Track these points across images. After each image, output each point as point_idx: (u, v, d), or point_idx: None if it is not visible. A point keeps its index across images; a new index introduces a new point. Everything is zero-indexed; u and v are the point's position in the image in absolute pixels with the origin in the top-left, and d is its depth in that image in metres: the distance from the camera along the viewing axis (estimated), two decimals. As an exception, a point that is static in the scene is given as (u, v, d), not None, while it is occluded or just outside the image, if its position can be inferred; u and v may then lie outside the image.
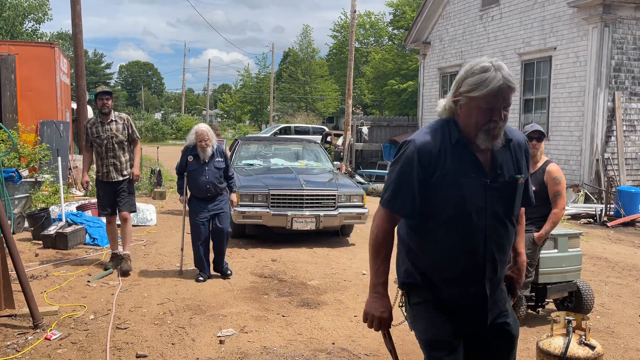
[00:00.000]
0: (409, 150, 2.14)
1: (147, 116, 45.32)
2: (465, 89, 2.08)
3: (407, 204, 2.16)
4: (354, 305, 5.24)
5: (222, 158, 6.08)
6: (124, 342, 4.18)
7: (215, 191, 5.97)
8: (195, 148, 5.99)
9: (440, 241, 2.17)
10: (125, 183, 6.16)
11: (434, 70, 18.26)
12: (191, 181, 5.99)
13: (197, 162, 5.98)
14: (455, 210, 2.11)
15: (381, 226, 2.24)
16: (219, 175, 6.02)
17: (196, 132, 5.98)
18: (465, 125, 2.13)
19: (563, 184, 4.43)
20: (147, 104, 76.55)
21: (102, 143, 6.08)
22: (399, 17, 37.41)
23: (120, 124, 6.17)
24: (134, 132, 6.32)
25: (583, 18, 12.10)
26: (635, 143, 12.30)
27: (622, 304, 5.50)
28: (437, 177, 2.10)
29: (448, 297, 2.23)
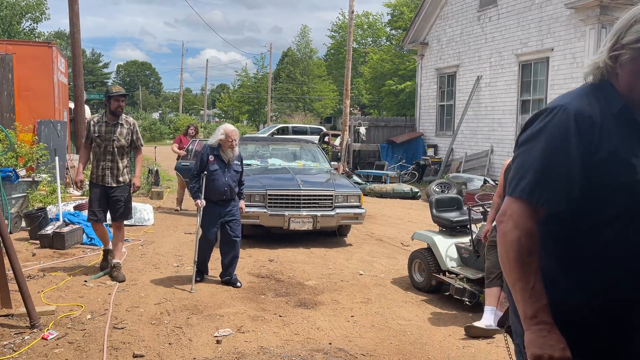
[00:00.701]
0: (560, 117, 1.53)
1: (145, 116, 45.27)
2: (633, 37, 1.55)
3: (561, 193, 1.50)
4: (350, 305, 5.26)
5: (239, 162, 5.91)
6: (121, 341, 4.18)
7: (230, 195, 5.77)
8: (218, 148, 5.76)
9: (605, 252, 1.48)
10: (120, 190, 5.82)
11: (431, 71, 18.29)
12: (209, 182, 5.69)
13: (217, 163, 5.73)
14: (630, 203, 1.48)
15: (523, 226, 1.53)
16: (237, 179, 5.85)
17: (226, 131, 5.74)
18: (628, 90, 1.56)
19: None
20: (145, 103, 76.45)
21: (102, 144, 5.79)
22: (397, 17, 37.47)
23: (125, 128, 5.88)
24: (139, 139, 5.99)
25: (580, 19, 12.14)
26: (632, 144, 12.34)
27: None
28: (603, 154, 1.49)
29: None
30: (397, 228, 9.52)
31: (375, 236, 8.74)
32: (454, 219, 5.83)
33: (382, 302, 5.38)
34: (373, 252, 7.52)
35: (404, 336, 4.51)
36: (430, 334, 4.55)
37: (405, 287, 5.91)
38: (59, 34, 59.41)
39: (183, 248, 7.48)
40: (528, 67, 13.99)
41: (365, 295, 5.60)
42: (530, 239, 1.53)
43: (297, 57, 51.47)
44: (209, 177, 5.68)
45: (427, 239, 5.83)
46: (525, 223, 1.54)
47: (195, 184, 5.72)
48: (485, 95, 15.55)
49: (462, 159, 15.96)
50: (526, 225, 1.53)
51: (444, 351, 4.22)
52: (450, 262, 5.53)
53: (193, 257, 5.77)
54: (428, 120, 18.53)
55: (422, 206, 12.23)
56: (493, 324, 4.52)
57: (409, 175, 16.94)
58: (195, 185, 5.72)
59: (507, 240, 1.57)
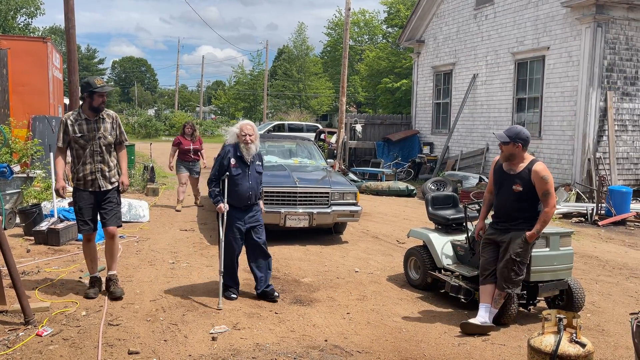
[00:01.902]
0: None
1: (141, 112, 45.08)
2: None
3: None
4: (346, 302, 5.26)
5: (260, 162, 5.43)
6: (116, 338, 4.17)
7: (254, 199, 5.31)
8: (238, 148, 5.25)
9: None
10: (112, 192, 5.22)
11: (427, 69, 18.29)
12: (232, 188, 5.18)
13: (240, 165, 5.23)
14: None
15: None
16: (260, 180, 5.36)
17: (240, 125, 5.30)
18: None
19: (551, 182, 4.45)
20: (140, 100, 76.18)
21: (87, 144, 5.06)
22: (394, 15, 37.44)
23: (108, 123, 5.18)
24: (123, 134, 5.34)
25: (576, 18, 12.16)
26: (627, 143, 12.39)
27: (612, 303, 5.55)
28: None
29: None
30: (392, 225, 9.53)
31: (371, 233, 8.75)
32: (450, 217, 5.84)
33: (377, 299, 5.38)
34: (369, 250, 7.52)
35: (399, 333, 4.52)
36: (425, 331, 4.56)
37: (401, 285, 5.92)
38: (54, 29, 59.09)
39: (179, 245, 7.46)
40: (524, 65, 14.02)
41: (361, 292, 5.61)
42: None
43: (294, 54, 51.42)
44: (231, 183, 5.19)
45: (423, 236, 5.84)
46: None
47: (215, 187, 5.24)
48: (481, 93, 15.57)
49: (458, 157, 15.98)
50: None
51: (440, 348, 4.22)
52: (446, 259, 5.54)
53: (218, 268, 5.17)
54: (424, 118, 18.54)
55: (418, 204, 12.24)
56: (488, 320, 4.53)
57: (405, 173, 16.95)
58: (215, 189, 5.23)
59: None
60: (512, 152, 4.55)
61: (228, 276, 5.29)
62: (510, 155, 4.57)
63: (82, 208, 5.15)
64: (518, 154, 4.55)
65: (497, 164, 4.76)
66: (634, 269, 7.00)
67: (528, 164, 4.52)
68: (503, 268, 4.52)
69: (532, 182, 4.45)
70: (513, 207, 4.56)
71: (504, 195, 4.63)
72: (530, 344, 3.43)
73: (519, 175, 4.53)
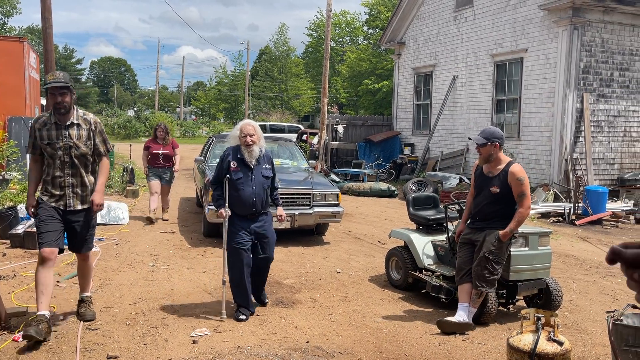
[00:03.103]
0: None
1: (120, 113, 44.56)
2: None
3: None
4: (328, 303, 5.26)
5: (269, 165, 4.90)
6: (95, 343, 4.11)
7: (260, 207, 4.78)
8: (239, 150, 4.80)
9: None
10: (86, 215, 4.37)
11: (408, 70, 18.41)
12: (233, 193, 4.72)
13: (241, 169, 4.76)
14: None
15: None
16: (267, 186, 4.84)
17: (241, 126, 4.82)
18: None
19: (526, 183, 4.52)
20: (120, 100, 75.31)
21: (55, 154, 4.23)
22: (375, 16, 37.62)
23: (84, 130, 4.29)
24: (104, 143, 4.41)
25: (553, 21, 12.36)
26: (603, 144, 12.63)
27: (589, 301, 5.64)
28: None
29: None
30: (374, 226, 9.56)
31: (353, 234, 8.77)
32: (431, 217, 5.88)
33: (359, 300, 5.39)
34: (351, 251, 7.54)
35: (381, 334, 4.54)
36: (407, 332, 4.59)
37: (382, 285, 5.94)
38: (30, 29, 58.07)
39: (159, 247, 7.39)
40: (503, 67, 14.20)
41: (342, 293, 5.62)
42: None
43: (275, 55, 51.33)
44: (232, 188, 4.73)
45: (404, 236, 5.87)
46: None
47: (217, 191, 4.83)
48: (461, 94, 15.73)
49: (439, 158, 16.12)
50: None
51: (421, 348, 4.25)
52: (427, 259, 5.57)
53: (222, 277, 4.86)
54: (405, 119, 18.66)
55: (399, 204, 12.31)
56: (466, 319, 4.57)
57: (386, 174, 17.04)
58: (216, 193, 4.81)
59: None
60: (491, 153, 4.60)
61: (238, 294, 4.76)
62: (489, 156, 4.62)
63: (43, 221, 4.20)
64: (496, 154, 4.61)
65: (478, 169, 4.81)
66: (610, 267, 7.13)
67: (505, 166, 4.59)
68: (477, 267, 4.57)
69: (509, 184, 4.52)
70: (490, 207, 4.62)
71: (482, 196, 4.68)
72: (509, 343, 3.47)
73: (497, 177, 4.59)
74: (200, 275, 6.06)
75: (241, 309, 4.73)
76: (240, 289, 4.74)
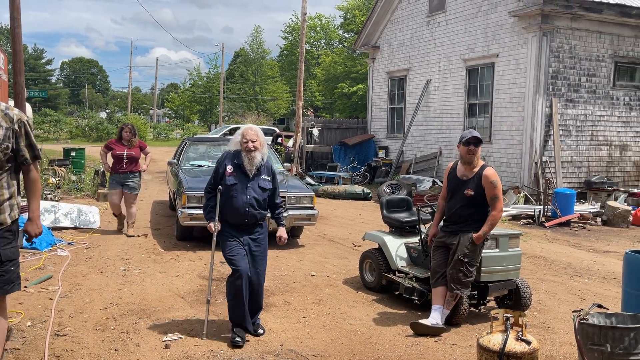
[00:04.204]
0: None
1: (92, 115, 43.81)
2: None
3: None
4: (302, 306, 5.27)
5: (269, 177, 4.53)
6: (64, 349, 4.03)
7: (254, 218, 4.42)
8: (238, 156, 4.44)
9: None
10: (4, 238, 3.20)
11: (382, 74, 18.57)
12: (225, 199, 4.39)
13: (237, 175, 4.42)
14: None
15: None
16: (263, 198, 4.47)
17: (243, 131, 4.47)
18: None
19: (499, 187, 4.61)
20: (92, 102, 74.04)
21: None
22: (349, 20, 37.86)
23: (2, 127, 3.08)
24: (31, 147, 3.24)
25: (523, 27, 12.63)
26: (571, 147, 12.94)
27: (557, 301, 5.77)
28: None
29: None
30: (349, 229, 9.61)
31: (328, 237, 8.80)
32: (404, 220, 5.94)
33: (333, 303, 5.41)
34: (325, 253, 7.56)
35: (354, 336, 4.56)
36: (380, 333, 4.62)
37: (356, 287, 5.97)
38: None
39: (131, 251, 7.29)
40: (475, 72, 14.43)
41: (317, 296, 5.63)
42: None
43: (250, 58, 51.16)
44: (224, 194, 4.39)
45: (378, 239, 5.92)
46: None
47: (209, 202, 4.48)
48: (434, 98, 15.93)
49: (412, 161, 16.28)
50: None
51: (394, 350, 4.29)
52: (400, 261, 5.63)
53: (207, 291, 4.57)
54: (379, 122, 18.80)
55: (374, 207, 12.39)
56: (440, 322, 4.63)
57: (361, 177, 17.13)
58: (209, 203, 4.47)
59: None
60: (478, 154, 4.67)
61: (234, 309, 4.34)
62: (474, 158, 4.67)
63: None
64: (478, 156, 4.70)
65: (451, 171, 4.86)
66: (577, 268, 7.31)
67: (479, 169, 4.67)
68: (452, 270, 4.63)
69: (483, 187, 4.60)
70: (463, 210, 4.69)
71: (455, 199, 4.74)
72: (479, 343, 3.53)
73: (472, 180, 4.66)
74: (173, 280, 6.00)
75: (236, 330, 4.29)
76: (236, 301, 4.31)
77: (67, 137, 37.59)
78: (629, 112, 13.37)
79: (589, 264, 7.55)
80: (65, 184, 12.33)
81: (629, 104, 13.34)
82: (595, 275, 6.92)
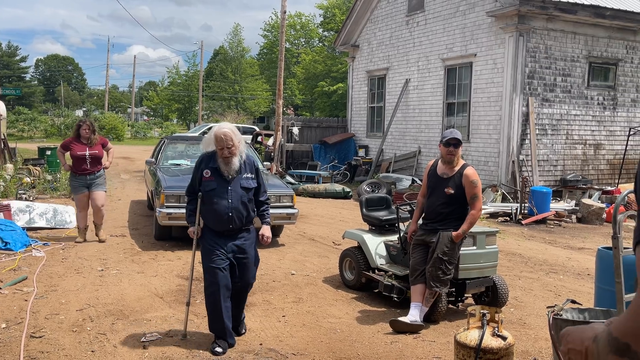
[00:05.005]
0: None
1: (67, 113, 43.04)
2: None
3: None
4: (282, 305, 5.27)
5: (252, 174, 4.24)
6: (39, 351, 3.97)
7: (239, 223, 4.14)
8: (214, 158, 4.17)
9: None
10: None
11: (362, 73, 18.63)
12: (206, 206, 4.14)
13: (216, 179, 4.13)
14: None
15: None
16: (248, 198, 4.19)
17: (215, 135, 4.06)
18: None
19: (479, 186, 4.68)
20: (67, 100, 72.76)
21: None
22: (329, 19, 37.89)
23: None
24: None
25: (500, 27, 12.79)
26: (547, 146, 13.16)
27: (533, 297, 5.88)
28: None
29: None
30: (329, 227, 9.63)
31: (308, 236, 8.80)
32: (383, 218, 5.98)
33: (313, 301, 5.42)
34: (305, 252, 7.57)
35: (334, 334, 4.58)
36: (359, 331, 4.65)
37: (336, 286, 5.99)
38: (-30, 24, 55.30)
39: (108, 251, 7.19)
40: (453, 71, 14.58)
41: (297, 294, 5.63)
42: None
43: (230, 56, 50.83)
44: (204, 200, 4.14)
45: (357, 237, 5.94)
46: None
47: (189, 204, 4.25)
48: (413, 98, 16.04)
49: (392, 160, 16.38)
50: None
51: (373, 347, 4.32)
52: (380, 259, 5.66)
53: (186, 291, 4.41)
54: (359, 121, 18.86)
55: (354, 206, 12.44)
56: (419, 319, 4.68)
57: (341, 176, 17.17)
58: (189, 206, 4.24)
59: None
60: (459, 154, 4.72)
61: (214, 322, 4.13)
62: (455, 157, 4.72)
63: None
64: (459, 155, 4.75)
65: (432, 169, 4.91)
66: (553, 264, 7.45)
67: (460, 168, 4.72)
68: (431, 267, 4.68)
69: (463, 186, 4.66)
70: (443, 208, 4.74)
71: (435, 197, 4.79)
72: (456, 340, 3.57)
73: (452, 178, 4.71)
74: (152, 279, 5.95)
75: (218, 341, 4.09)
76: (215, 315, 4.08)
77: (42, 135, 36.91)
78: (603, 111, 13.65)
79: (564, 260, 7.70)
80: (41, 183, 12.11)
81: (602, 104, 13.62)
82: (570, 272, 7.06)
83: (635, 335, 0.90)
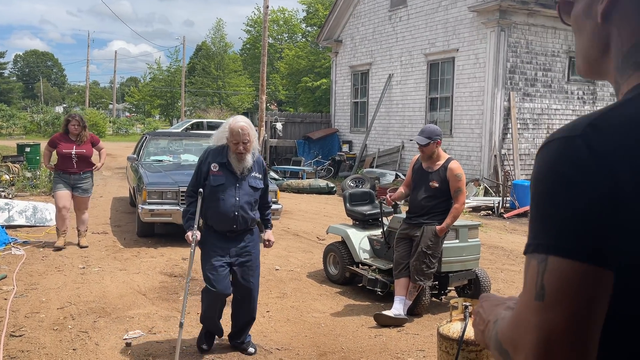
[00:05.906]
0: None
1: (47, 109, 42.36)
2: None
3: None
4: (266, 301, 5.25)
5: (260, 174, 3.99)
6: (19, 350, 3.91)
7: (244, 224, 3.88)
8: (224, 152, 3.86)
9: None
10: None
11: (345, 68, 18.63)
12: (211, 203, 3.83)
13: (224, 174, 3.84)
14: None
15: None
16: (254, 199, 3.95)
17: (231, 128, 3.75)
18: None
19: (463, 180, 4.72)
20: (47, 96, 71.60)
21: None
22: (312, 14, 37.78)
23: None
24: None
25: (482, 22, 12.88)
26: (528, 140, 13.31)
27: (515, 289, 5.95)
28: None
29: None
30: (313, 223, 9.63)
31: (292, 231, 8.79)
32: (367, 213, 6.00)
33: (297, 296, 5.42)
34: (289, 247, 7.56)
35: (318, 328, 4.58)
36: (343, 325, 4.66)
37: (320, 281, 6.00)
38: (-55, 18, 54.08)
39: (90, 249, 7.10)
40: (436, 66, 14.64)
41: (281, 290, 5.63)
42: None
43: (212, 51, 50.43)
44: (210, 196, 3.82)
45: (341, 232, 5.95)
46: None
47: (189, 207, 3.89)
48: (396, 93, 16.09)
49: (376, 155, 16.43)
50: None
51: (357, 341, 4.33)
52: (363, 254, 5.68)
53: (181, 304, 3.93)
54: (343, 117, 18.87)
55: (338, 201, 12.45)
56: (402, 312, 4.71)
57: (325, 171, 17.17)
58: (189, 209, 3.88)
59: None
60: (433, 150, 4.75)
61: (206, 323, 4.06)
62: (432, 154, 4.75)
63: None
64: (437, 151, 4.77)
65: (417, 164, 4.93)
66: (534, 257, 7.54)
67: (445, 162, 4.75)
68: (415, 261, 4.71)
69: (447, 180, 4.69)
70: (428, 202, 4.77)
71: (420, 191, 4.81)
72: (439, 332, 3.60)
73: (437, 172, 4.74)
74: (134, 277, 5.89)
75: (206, 339, 4.07)
76: (210, 321, 4.01)
77: (21, 132, 36.25)
78: (583, 105, 13.83)
79: (545, 253, 7.80)
80: (20, 180, 11.92)
81: (582, 98, 13.80)
82: (551, 264, 7.15)
83: (513, 347, 0.80)
